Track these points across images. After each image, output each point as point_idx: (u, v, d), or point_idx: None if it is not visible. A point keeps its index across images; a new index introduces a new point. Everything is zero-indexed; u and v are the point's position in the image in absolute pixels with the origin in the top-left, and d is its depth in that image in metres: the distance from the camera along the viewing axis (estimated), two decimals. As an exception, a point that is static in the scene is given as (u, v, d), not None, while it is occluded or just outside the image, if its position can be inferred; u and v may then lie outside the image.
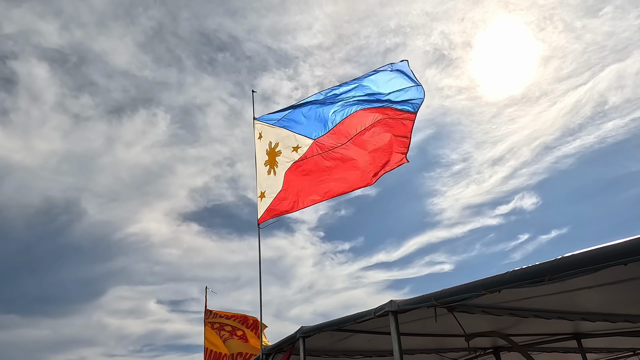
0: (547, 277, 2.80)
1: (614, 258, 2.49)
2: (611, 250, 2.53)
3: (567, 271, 2.70)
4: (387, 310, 3.97)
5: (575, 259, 2.68)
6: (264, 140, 7.73)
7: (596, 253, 2.60)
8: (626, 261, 2.45)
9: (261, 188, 7.49)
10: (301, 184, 7.14)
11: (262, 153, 7.70)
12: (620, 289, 3.95)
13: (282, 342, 5.92)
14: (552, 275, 2.77)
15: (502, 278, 3.05)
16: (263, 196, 7.46)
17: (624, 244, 2.47)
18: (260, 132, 7.76)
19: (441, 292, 3.52)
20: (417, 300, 3.74)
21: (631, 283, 3.72)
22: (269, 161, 7.62)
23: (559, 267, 2.73)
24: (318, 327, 4.94)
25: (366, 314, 4.26)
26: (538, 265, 2.88)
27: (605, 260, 2.54)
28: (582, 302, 4.48)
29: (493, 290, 3.12)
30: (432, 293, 3.61)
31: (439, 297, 3.51)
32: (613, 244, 2.54)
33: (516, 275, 2.97)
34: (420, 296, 3.75)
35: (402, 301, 3.90)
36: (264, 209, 7.37)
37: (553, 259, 2.80)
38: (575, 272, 2.66)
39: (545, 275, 2.81)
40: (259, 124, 7.79)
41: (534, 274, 2.88)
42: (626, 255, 2.42)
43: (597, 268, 2.60)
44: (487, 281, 3.16)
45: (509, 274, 3.04)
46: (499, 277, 3.09)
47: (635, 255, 2.39)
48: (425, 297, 3.65)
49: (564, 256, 2.75)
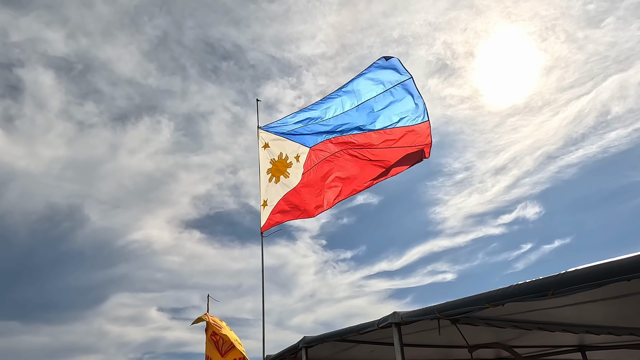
0: (551, 292, 2.81)
1: (618, 274, 2.49)
2: (615, 266, 2.53)
3: (571, 286, 2.70)
4: (391, 322, 3.97)
5: (579, 274, 2.68)
6: (270, 150, 7.76)
7: (600, 268, 2.60)
8: (629, 277, 2.45)
9: (264, 197, 7.52)
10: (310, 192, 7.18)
11: (266, 162, 7.72)
12: (624, 303, 3.94)
13: (284, 351, 5.91)
14: (555, 289, 2.77)
15: (506, 292, 3.04)
16: (266, 205, 7.48)
17: (627, 260, 2.47)
18: (266, 141, 7.80)
19: (445, 304, 3.52)
20: (421, 313, 3.74)
21: (635, 297, 3.71)
22: (274, 170, 7.65)
23: (562, 281, 2.73)
24: (321, 337, 4.93)
25: (369, 325, 4.25)
26: (542, 279, 2.88)
27: (608, 276, 2.54)
28: (586, 315, 4.46)
29: (497, 303, 3.12)
30: (435, 305, 3.60)
31: (443, 309, 3.51)
32: (617, 260, 2.54)
33: (520, 289, 2.97)
34: (423, 308, 3.75)
35: (406, 313, 3.89)
36: (267, 217, 7.40)
37: (557, 273, 2.80)
38: (578, 288, 2.66)
39: (549, 289, 2.80)
40: (264, 133, 7.83)
41: (538, 288, 2.88)
42: (629, 271, 2.42)
43: (600, 284, 2.60)
44: (490, 294, 3.16)
45: (513, 287, 3.04)
46: (503, 290, 3.09)
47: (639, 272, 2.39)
48: (429, 310, 3.65)
49: (568, 271, 2.76)
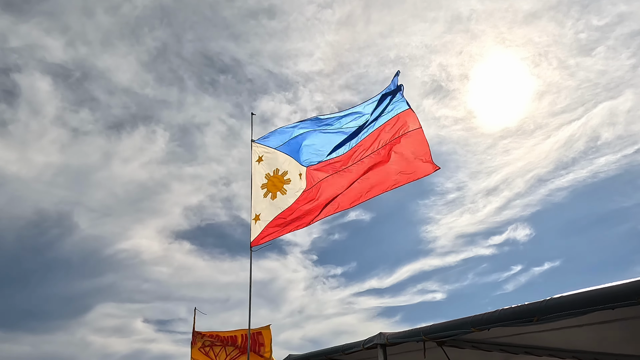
0: (536, 318, 2.80)
1: (602, 302, 2.50)
2: (600, 294, 2.54)
3: (556, 313, 2.70)
4: (376, 342, 3.94)
5: (564, 300, 2.69)
6: (265, 164, 7.73)
7: (585, 296, 2.61)
8: (613, 306, 2.46)
9: (256, 211, 7.47)
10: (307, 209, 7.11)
11: (260, 176, 7.69)
12: (611, 329, 3.94)
13: (270, 369, 5.84)
14: (540, 316, 2.77)
15: (491, 316, 3.04)
16: (258, 219, 7.43)
17: (612, 289, 2.48)
18: (260, 155, 7.77)
19: (430, 327, 3.50)
20: (406, 334, 3.71)
21: (622, 323, 3.71)
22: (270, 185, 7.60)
23: (547, 308, 2.73)
24: (306, 356, 4.88)
25: (355, 345, 4.21)
26: (527, 305, 2.88)
27: (593, 303, 2.55)
28: (573, 340, 4.45)
29: (482, 328, 3.11)
30: (421, 327, 3.59)
31: (428, 332, 3.49)
32: (602, 288, 2.55)
33: (505, 314, 2.97)
34: (409, 330, 3.73)
35: (391, 334, 3.87)
36: (258, 232, 7.35)
37: (542, 299, 2.80)
38: (563, 315, 2.67)
39: (534, 315, 2.81)
40: (259, 147, 7.81)
41: (523, 314, 2.88)
42: (613, 300, 2.43)
43: (585, 311, 2.61)
44: (476, 318, 3.15)
45: (498, 312, 3.03)
46: (488, 315, 3.08)
47: (623, 301, 2.40)
48: (415, 332, 3.63)
49: (553, 297, 2.76)
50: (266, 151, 7.82)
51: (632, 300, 2.34)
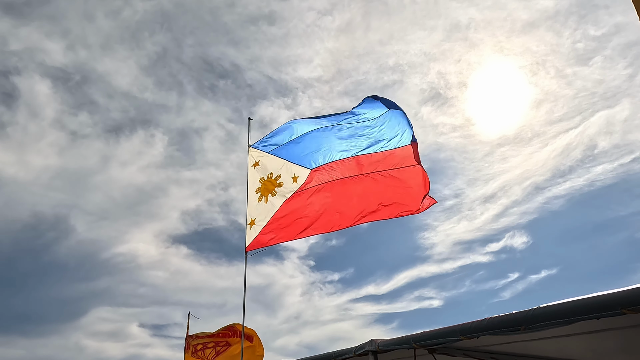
0: (523, 327, 2.83)
1: (587, 312, 2.53)
2: (585, 304, 2.57)
3: (542, 322, 2.73)
4: (368, 349, 3.96)
5: (549, 310, 2.71)
6: (260, 169, 7.75)
7: (571, 306, 2.64)
8: (598, 316, 2.48)
9: (251, 216, 7.49)
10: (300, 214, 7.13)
11: (255, 181, 7.72)
12: (601, 338, 3.95)
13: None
14: (527, 325, 2.79)
15: (480, 325, 3.06)
16: (253, 224, 7.45)
17: (596, 299, 2.51)
18: (256, 160, 7.79)
19: (420, 334, 3.53)
20: (397, 342, 3.73)
21: (612, 333, 3.73)
22: (263, 189, 7.62)
23: (534, 317, 2.76)
24: (299, 362, 4.89)
25: (346, 352, 4.23)
26: (514, 314, 2.91)
27: (579, 313, 2.58)
28: (564, 348, 4.46)
29: (471, 336, 3.14)
30: (411, 335, 3.61)
31: (418, 339, 3.51)
32: (586, 298, 2.58)
33: (493, 322, 3.00)
34: (400, 337, 3.75)
35: (383, 341, 3.89)
36: (253, 237, 7.36)
37: (529, 309, 2.83)
38: (549, 324, 2.69)
39: (521, 325, 2.83)
40: (255, 151, 7.85)
41: (511, 322, 2.90)
42: (597, 310, 2.46)
43: (570, 321, 2.63)
44: (465, 327, 3.17)
45: (487, 321, 3.06)
46: (477, 323, 3.11)
47: (607, 311, 2.43)
48: (405, 339, 3.65)
49: (540, 307, 2.79)
50: (262, 155, 7.86)
51: (615, 310, 2.37)
